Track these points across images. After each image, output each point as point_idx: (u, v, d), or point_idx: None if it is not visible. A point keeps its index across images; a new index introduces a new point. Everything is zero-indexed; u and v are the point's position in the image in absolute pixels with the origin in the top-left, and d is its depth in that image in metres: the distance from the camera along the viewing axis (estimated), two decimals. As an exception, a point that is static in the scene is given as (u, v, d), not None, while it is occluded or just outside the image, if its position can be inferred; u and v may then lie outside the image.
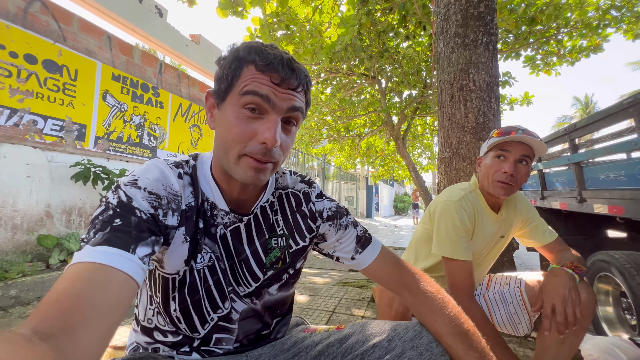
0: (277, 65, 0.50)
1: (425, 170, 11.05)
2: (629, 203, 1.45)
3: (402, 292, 0.66)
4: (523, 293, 1.11)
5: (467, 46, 1.94)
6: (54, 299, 0.36)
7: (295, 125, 0.56)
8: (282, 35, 5.37)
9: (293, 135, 0.56)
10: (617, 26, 5.03)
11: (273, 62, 0.50)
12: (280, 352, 0.65)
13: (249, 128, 0.50)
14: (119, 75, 3.54)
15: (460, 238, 1.03)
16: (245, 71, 0.51)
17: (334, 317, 1.98)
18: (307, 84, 0.55)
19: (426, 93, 6.71)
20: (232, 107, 0.52)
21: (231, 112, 0.51)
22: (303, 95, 0.55)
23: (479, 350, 0.57)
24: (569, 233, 2.48)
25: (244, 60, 0.51)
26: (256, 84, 0.50)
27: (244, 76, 0.51)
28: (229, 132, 0.51)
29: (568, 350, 0.97)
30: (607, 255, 1.73)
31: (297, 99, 0.53)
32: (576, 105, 24.04)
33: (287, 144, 0.54)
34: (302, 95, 0.55)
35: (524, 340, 1.65)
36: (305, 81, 0.54)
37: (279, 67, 0.50)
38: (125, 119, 3.64)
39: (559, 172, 2.27)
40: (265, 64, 0.50)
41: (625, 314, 1.77)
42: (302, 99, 0.55)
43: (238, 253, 0.62)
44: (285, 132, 0.54)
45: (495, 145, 1.06)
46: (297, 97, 0.53)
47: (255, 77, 0.50)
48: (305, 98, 0.56)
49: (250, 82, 0.50)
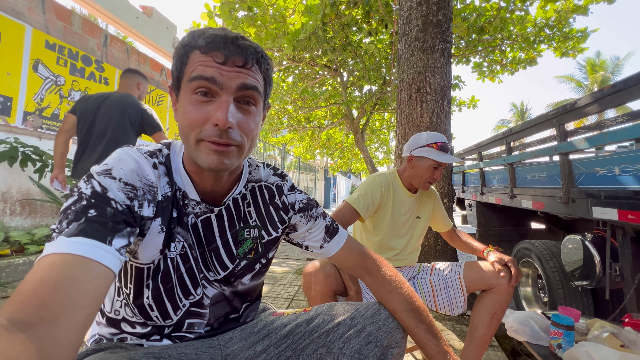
0: (220, 44, 0.49)
1: (381, 164, 11.55)
2: (548, 199, 1.71)
3: (364, 275, 0.73)
4: (461, 278, 1.27)
5: (426, 50, 2.08)
6: (29, 289, 0.35)
7: (254, 105, 0.54)
8: (244, 16, 5.15)
9: (255, 116, 0.54)
10: (549, 43, 5.71)
11: (215, 41, 0.49)
12: (250, 334, 0.68)
13: (201, 112, 0.50)
14: (54, 44, 3.13)
15: (362, 197, 1.27)
16: (192, 57, 0.50)
17: (294, 303, 2.04)
18: (260, 60, 0.53)
19: (385, 90, 6.97)
20: (185, 95, 0.51)
21: (185, 99, 0.51)
22: (257, 73, 0.53)
23: (427, 323, 0.67)
24: (501, 224, 2.83)
25: (189, 46, 0.51)
26: (201, 67, 0.49)
27: (191, 62, 0.50)
28: (185, 119, 0.51)
29: (496, 323, 1.15)
30: (529, 244, 2.03)
31: (249, 76, 0.51)
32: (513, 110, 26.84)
33: (247, 124, 0.52)
34: (256, 73, 0.53)
35: (461, 318, 1.88)
36: (256, 57, 0.52)
37: (221, 45, 0.49)
38: (63, 94, 3.24)
39: (496, 171, 2.56)
40: (207, 44, 0.49)
41: (540, 293, 2.10)
42: (256, 76, 0.53)
43: (209, 242, 0.62)
44: (242, 113, 0.52)
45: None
46: (249, 75, 0.51)
47: (199, 61, 0.49)
48: (261, 76, 0.54)
49: (195, 66, 0.49)
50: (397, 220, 1.36)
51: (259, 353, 0.65)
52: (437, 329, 0.67)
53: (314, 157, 12.63)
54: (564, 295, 1.71)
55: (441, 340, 0.66)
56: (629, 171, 1.20)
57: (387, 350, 0.63)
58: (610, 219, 1.25)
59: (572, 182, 1.50)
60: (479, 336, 1.16)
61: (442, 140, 1.30)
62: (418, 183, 1.33)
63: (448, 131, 2.21)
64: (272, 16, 5.38)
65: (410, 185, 1.38)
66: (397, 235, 1.36)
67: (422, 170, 1.31)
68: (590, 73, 20.11)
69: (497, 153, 2.60)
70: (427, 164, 1.29)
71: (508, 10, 5.19)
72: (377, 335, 0.62)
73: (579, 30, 5.43)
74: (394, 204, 1.35)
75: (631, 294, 1.28)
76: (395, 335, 0.64)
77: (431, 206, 1.47)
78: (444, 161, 1.26)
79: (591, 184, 1.40)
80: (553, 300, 1.75)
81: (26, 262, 2.43)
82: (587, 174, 1.43)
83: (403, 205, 1.37)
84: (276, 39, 5.13)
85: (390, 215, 1.34)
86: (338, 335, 0.63)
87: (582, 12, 4.87)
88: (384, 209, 1.33)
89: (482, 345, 1.16)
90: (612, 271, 1.40)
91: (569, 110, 1.48)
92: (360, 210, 1.24)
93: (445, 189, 2.30)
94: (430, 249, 2.27)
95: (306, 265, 1.18)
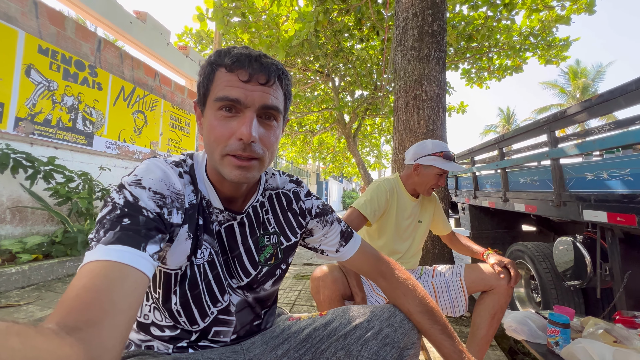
0: (244, 62, 0.52)
1: (373, 168, 11.67)
2: (540, 203, 1.79)
3: (378, 279, 0.75)
4: (462, 280, 1.31)
5: (422, 60, 2.15)
6: (74, 294, 0.37)
7: (275, 120, 0.57)
8: (237, 22, 5.19)
9: (276, 131, 0.57)
10: (534, 51, 5.93)
11: (240, 60, 0.52)
12: (270, 338, 0.70)
13: (227, 128, 0.53)
14: (47, 49, 3.09)
15: (369, 202, 1.31)
16: (218, 75, 0.53)
17: (295, 308, 2.05)
18: (281, 77, 0.56)
19: (376, 95, 7.08)
20: (211, 111, 0.54)
21: (211, 115, 0.54)
22: (279, 89, 0.56)
23: (441, 324, 0.70)
24: (494, 227, 2.90)
25: (215, 64, 0.54)
26: (227, 88, 0.51)
27: (217, 80, 0.53)
28: (211, 134, 0.54)
29: (496, 323, 1.20)
30: (522, 246, 2.10)
31: (271, 94, 0.54)
32: (500, 115, 27.58)
33: (268, 139, 0.55)
34: (277, 90, 0.56)
35: (460, 319, 1.93)
36: (277, 74, 0.54)
37: (246, 64, 0.52)
38: (55, 100, 3.19)
39: (489, 176, 2.65)
40: (232, 62, 0.52)
41: (533, 293, 2.17)
42: (277, 93, 0.55)
43: (232, 250, 0.65)
44: (264, 127, 0.55)
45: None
46: (271, 93, 0.54)
47: (226, 80, 0.52)
48: (282, 91, 0.57)
49: (222, 86, 0.52)
50: (401, 225, 1.40)
51: (280, 356, 0.67)
52: (451, 329, 0.71)
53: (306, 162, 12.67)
54: (557, 295, 1.77)
55: (456, 340, 0.69)
56: (617, 176, 1.27)
57: (403, 351, 0.65)
58: (600, 221, 1.32)
59: (564, 186, 1.57)
60: (481, 336, 1.20)
61: (447, 150, 1.36)
62: (423, 189, 1.39)
63: (444, 137, 2.28)
64: (265, 22, 5.44)
65: (413, 190, 1.43)
66: (400, 239, 1.40)
67: (428, 178, 1.36)
68: (572, 79, 20.88)
69: (490, 158, 2.69)
70: (433, 172, 1.35)
71: (495, 19, 5.38)
72: (394, 337, 0.65)
73: (562, 39, 5.67)
74: (398, 208, 1.40)
75: (621, 292, 1.35)
76: (411, 336, 0.67)
77: (432, 210, 1.52)
78: (450, 169, 1.33)
79: (581, 188, 1.48)
80: (546, 300, 1.82)
81: (19, 272, 2.37)
82: (578, 178, 1.50)
83: (406, 210, 1.42)
84: (270, 46, 5.17)
85: (394, 220, 1.38)
86: (356, 338, 0.65)
87: (565, 22, 5.08)
88: (388, 214, 1.38)
89: (484, 345, 1.21)
90: (602, 271, 1.47)
91: (559, 117, 1.56)
92: (368, 215, 1.28)
93: (441, 194, 2.37)
94: (428, 252, 2.32)
95: (314, 270, 1.21)
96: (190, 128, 5.56)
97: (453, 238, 1.54)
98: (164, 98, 4.85)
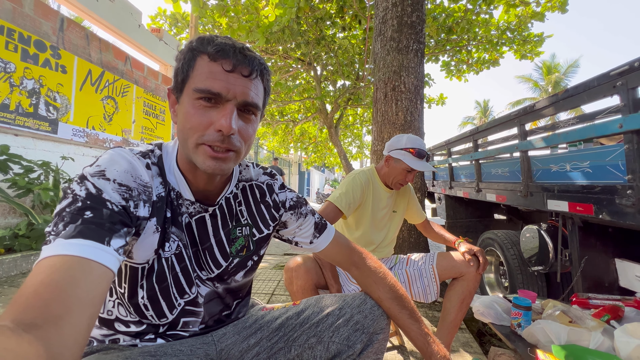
0: (229, 52, 0.51)
1: (355, 158, 11.76)
2: (510, 193, 1.87)
3: (351, 268, 0.77)
4: (434, 268, 1.36)
5: (401, 51, 2.15)
6: (32, 291, 0.35)
7: (254, 115, 0.56)
8: (215, 5, 4.97)
9: (254, 124, 0.57)
10: (510, 46, 6.10)
11: (225, 49, 0.51)
12: (242, 329, 0.70)
13: (205, 117, 0.51)
14: (2, 26, 2.83)
15: (344, 195, 1.31)
16: (199, 61, 0.52)
17: (274, 298, 2.06)
18: (263, 71, 0.56)
19: (358, 85, 7.07)
20: (189, 99, 0.52)
21: (188, 102, 0.52)
22: (259, 84, 0.56)
23: (409, 309, 0.73)
24: (468, 216, 3.02)
25: (197, 51, 0.52)
26: (210, 80, 0.50)
27: (198, 67, 0.52)
28: (187, 122, 0.52)
29: (465, 307, 1.26)
30: (492, 234, 2.20)
31: (251, 90, 0.53)
32: (477, 108, 28.38)
33: (246, 132, 0.55)
34: (259, 85, 0.55)
35: (433, 305, 2.01)
36: (260, 68, 0.54)
37: (231, 54, 0.51)
38: (13, 82, 2.96)
39: (463, 167, 2.73)
40: (216, 51, 0.50)
41: (501, 279, 2.29)
42: (258, 89, 0.55)
43: (202, 241, 0.64)
44: (243, 120, 0.55)
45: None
46: (252, 88, 0.53)
47: (209, 71, 0.51)
48: (262, 86, 0.57)
49: (204, 76, 0.51)
50: (376, 215, 1.42)
51: (252, 346, 0.67)
52: (418, 314, 0.74)
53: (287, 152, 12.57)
54: (522, 279, 1.88)
55: (422, 324, 0.72)
56: (578, 168, 1.35)
57: (373, 336, 0.68)
58: (562, 210, 1.40)
59: (531, 177, 1.65)
60: (450, 320, 1.26)
61: (420, 147, 1.35)
62: (391, 182, 1.41)
63: (421, 129, 2.32)
64: (244, 6, 5.25)
65: (386, 182, 1.45)
66: (376, 229, 1.43)
67: (396, 172, 1.37)
68: (545, 74, 21.75)
69: (465, 150, 2.77)
70: (401, 166, 1.35)
71: (474, 12, 5.46)
72: (364, 322, 0.67)
73: (536, 35, 5.86)
74: (374, 199, 1.41)
75: (578, 276, 1.45)
76: (380, 321, 0.69)
77: (406, 200, 1.55)
78: (417, 168, 1.32)
79: (546, 179, 1.56)
80: (513, 284, 1.93)
81: (-23, 267, 2.22)
82: (544, 170, 1.58)
83: (381, 201, 1.43)
84: (250, 32, 5.01)
85: (370, 211, 1.40)
86: (328, 325, 0.67)
87: (539, 19, 5.25)
88: (364, 205, 1.39)
89: (453, 328, 1.27)
90: (563, 257, 1.57)
91: (529, 111, 1.62)
92: (343, 208, 1.28)
93: (418, 184, 2.42)
94: (405, 241, 2.38)
95: (287, 262, 1.21)
96: (165, 116, 5.34)
97: (427, 226, 1.59)
98: (136, 83, 4.61)
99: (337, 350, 0.65)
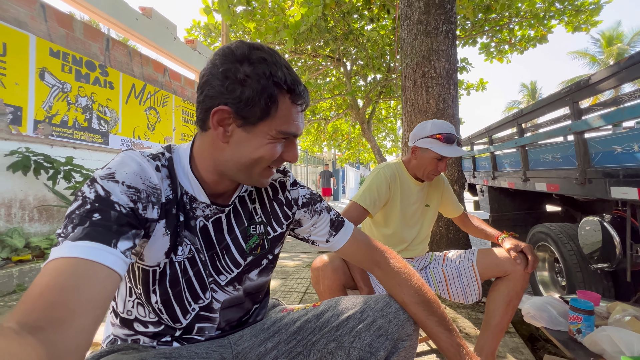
0: (303, 93, 0.55)
1: (390, 152, 11.44)
2: (563, 181, 1.65)
3: (372, 268, 0.72)
4: (475, 266, 1.24)
5: (429, 34, 2.01)
6: (37, 293, 0.35)
7: None
8: (242, 11, 5.10)
9: None
10: (560, 18, 5.47)
11: (302, 94, 0.55)
12: (260, 331, 0.68)
13: (275, 149, 0.56)
14: (58, 51, 3.16)
15: (368, 192, 1.23)
16: (281, 100, 0.53)
17: (306, 297, 2.05)
18: None
19: (390, 77, 6.84)
20: (268, 135, 0.54)
21: (264, 137, 0.54)
22: None
23: (438, 315, 0.66)
24: (515, 209, 2.76)
25: (277, 84, 0.52)
26: (294, 126, 0.56)
27: (282, 107, 0.53)
28: (257, 152, 0.54)
29: (512, 310, 1.12)
30: (545, 227, 1.98)
31: None
32: (524, 91, 26.02)
33: None
34: None
35: (476, 306, 1.86)
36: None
37: (306, 96, 0.56)
38: (70, 101, 3.29)
39: (507, 155, 2.49)
40: (297, 95, 0.54)
41: (557, 277, 2.05)
42: None
43: (219, 242, 0.63)
44: None
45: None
46: None
47: (291, 113, 0.55)
48: None
49: (289, 120, 0.55)
50: (407, 211, 1.33)
51: (270, 350, 0.65)
52: (449, 321, 0.66)
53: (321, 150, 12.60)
54: (583, 278, 1.66)
55: (454, 332, 0.65)
56: (650, 147, 1.14)
57: (398, 343, 0.63)
58: (630, 199, 1.20)
59: (589, 162, 1.44)
60: (495, 323, 1.14)
61: (448, 131, 1.23)
62: (422, 174, 1.29)
63: (456, 116, 2.15)
64: (271, 9, 5.32)
65: (416, 174, 1.35)
66: (407, 226, 1.34)
67: (426, 162, 1.26)
68: (605, 46, 19.24)
69: (508, 136, 2.53)
70: (430, 155, 1.24)
71: (515, -15, 4.98)
72: (388, 328, 0.62)
73: (592, 2, 5.18)
74: (402, 194, 1.32)
75: (654, 275, 1.23)
76: (406, 327, 0.63)
77: (440, 193, 1.43)
78: (447, 154, 1.20)
79: (608, 163, 1.35)
80: (571, 284, 1.71)
81: (47, 266, 2.50)
82: (604, 152, 1.37)
83: (411, 195, 1.34)
84: (277, 32, 5.07)
85: (400, 207, 1.31)
86: (348, 329, 0.62)
87: (595, -18, 4.63)
88: (392, 201, 1.30)
89: (499, 333, 1.14)
90: (633, 252, 1.35)
91: (582, 87, 1.42)
92: (368, 207, 1.20)
93: (455, 176, 2.25)
94: (442, 237, 2.24)
95: (314, 260, 1.18)
96: (202, 122, 5.62)
97: (465, 220, 1.46)
98: (174, 93, 4.91)
99: (358, 356, 0.60)
